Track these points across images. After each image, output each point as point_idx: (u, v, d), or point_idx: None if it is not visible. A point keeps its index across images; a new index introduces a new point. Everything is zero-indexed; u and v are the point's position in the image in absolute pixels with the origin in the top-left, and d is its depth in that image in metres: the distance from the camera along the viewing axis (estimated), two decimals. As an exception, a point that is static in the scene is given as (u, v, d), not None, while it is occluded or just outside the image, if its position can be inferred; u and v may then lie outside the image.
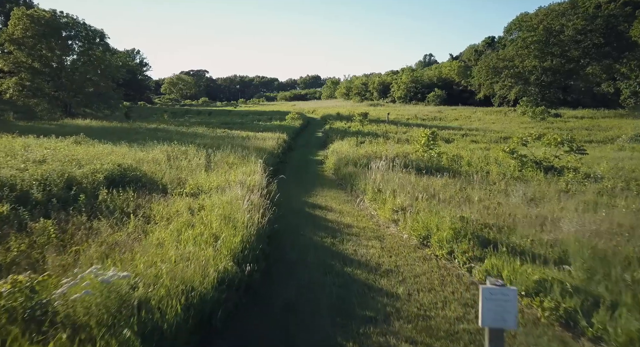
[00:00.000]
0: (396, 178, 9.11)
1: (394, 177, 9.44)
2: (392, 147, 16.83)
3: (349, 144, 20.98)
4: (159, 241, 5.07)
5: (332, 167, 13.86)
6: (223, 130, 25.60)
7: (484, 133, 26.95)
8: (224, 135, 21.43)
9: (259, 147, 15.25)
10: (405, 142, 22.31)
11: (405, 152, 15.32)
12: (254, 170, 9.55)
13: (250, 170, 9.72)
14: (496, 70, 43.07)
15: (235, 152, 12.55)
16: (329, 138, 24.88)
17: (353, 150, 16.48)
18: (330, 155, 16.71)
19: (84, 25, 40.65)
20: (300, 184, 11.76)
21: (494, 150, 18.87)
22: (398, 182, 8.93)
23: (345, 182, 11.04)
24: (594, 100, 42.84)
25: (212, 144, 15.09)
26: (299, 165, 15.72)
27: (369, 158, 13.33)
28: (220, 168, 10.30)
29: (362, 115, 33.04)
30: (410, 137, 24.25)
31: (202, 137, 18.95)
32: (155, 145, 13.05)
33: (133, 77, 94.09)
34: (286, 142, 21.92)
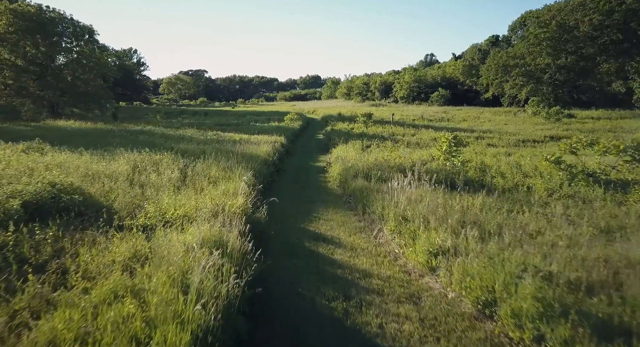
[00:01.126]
0: (426, 199, 6.91)
1: (420, 196, 7.24)
2: (406, 152, 14.64)
3: (354, 149, 18.83)
4: (49, 339, 2.88)
5: (337, 178, 11.69)
6: (215, 132, 23.39)
7: (499, 135, 24.75)
8: (214, 138, 19.22)
9: (251, 154, 13.05)
10: (417, 146, 20.15)
11: (422, 159, 13.13)
12: (239, 190, 7.36)
13: (234, 188, 7.53)
14: (506, 68, 40.87)
15: (221, 161, 10.36)
16: (331, 141, 22.69)
17: (360, 157, 14.30)
18: (334, 162, 14.51)
19: (72, 21, 38.47)
20: (298, 201, 9.57)
21: (516, 156, 16.76)
22: (428, 205, 6.73)
23: (355, 200, 8.84)
24: (604, 101, 40.73)
25: (196, 150, 12.91)
26: (298, 175, 13.53)
27: (382, 168, 11.14)
28: (198, 184, 8.11)
29: (366, 116, 30.84)
30: (420, 140, 22.08)
31: (188, 141, 16.76)
32: (127, 153, 10.85)
33: (130, 77, 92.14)
34: (284, 146, 19.72)
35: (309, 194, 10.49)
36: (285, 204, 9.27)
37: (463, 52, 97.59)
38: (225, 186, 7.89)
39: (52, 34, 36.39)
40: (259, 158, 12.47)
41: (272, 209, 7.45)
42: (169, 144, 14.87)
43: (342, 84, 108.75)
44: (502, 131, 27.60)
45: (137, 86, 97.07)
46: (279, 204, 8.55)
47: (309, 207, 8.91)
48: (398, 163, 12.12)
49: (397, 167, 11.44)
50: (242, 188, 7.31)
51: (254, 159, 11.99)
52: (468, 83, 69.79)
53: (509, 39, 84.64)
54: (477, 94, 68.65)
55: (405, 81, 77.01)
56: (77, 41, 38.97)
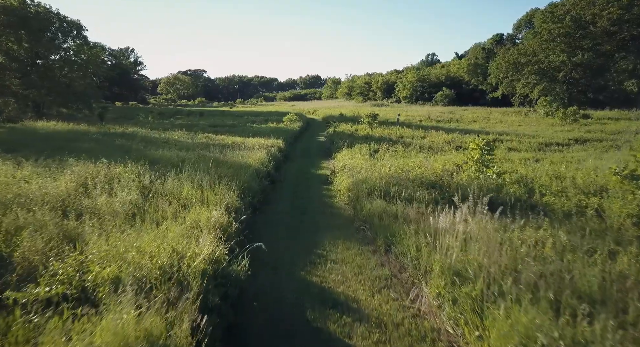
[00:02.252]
0: (475, 233, 4.72)
1: (472, 230, 5.03)
2: (426, 161, 12.41)
3: (361, 154, 16.65)
4: None
5: (346, 194, 9.51)
6: (206, 135, 21.21)
7: (516, 138, 22.56)
8: (203, 142, 17.04)
9: (242, 163, 10.85)
10: (430, 151, 17.97)
11: (446, 169, 10.92)
12: (211, 224, 5.18)
13: (206, 219, 5.36)
14: (517, 66, 38.67)
15: (202, 175, 8.19)
16: (334, 144, 20.50)
17: (370, 165, 12.11)
18: (340, 171, 12.31)
19: (59, 16, 36.25)
20: (297, 229, 7.38)
21: (547, 162, 14.59)
22: (484, 244, 4.54)
23: (373, 229, 6.65)
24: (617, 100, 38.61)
25: (174, 158, 10.72)
26: (297, 188, 11.32)
27: (401, 182, 8.94)
28: (160, 210, 5.93)
29: (370, 117, 28.64)
30: (433, 144, 19.92)
31: (172, 146, 14.57)
32: (82, 163, 8.65)
33: (127, 77, 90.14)
34: (282, 151, 17.54)
35: (311, 217, 8.27)
36: (281, 234, 7.08)
37: (466, 52, 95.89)
38: (196, 214, 5.71)
39: (36, 29, 34.21)
40: (251, 168, 10.29)
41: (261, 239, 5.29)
42: (147, 151, 12.71)
43: (343, 83, 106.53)
44: (518, 133, 25.39)
45: (134, 86, 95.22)
46: (272, 235, 6.39)
47: (311, 239, 6.71)
48: (419, 174, 9.93)
49: (420, 180, 9.26)
50: (215, 222, 5.13)
51: (245, 170, 9.81)
52: (473, 82, 67.66)
53: (514, 38, 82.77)
54: (482, 93, 66.51)
55: (408, 80, 74.86)
56: (64, 37, 36.78)
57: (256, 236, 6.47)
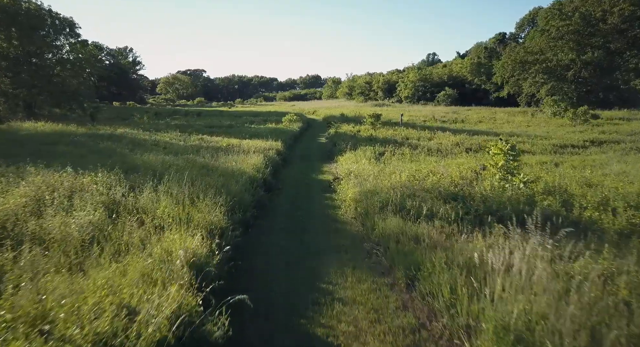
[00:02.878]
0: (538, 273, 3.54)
1: (520, 261, 3.83)
2: (440, 166, 11.18)
3: (366, 157, 15.49)
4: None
5: (352, 206, 8.31)
6: (201, 136, 20.02)
7: (528, 139, 21.35)
8: (195, 144, 15.83)
9: (234, 170, 9.65)
10: (439, 154, 16.78)
11: (463, 176, 9.71)
12: (187, 257, 3.98)
13: (180, 251, 4.16)
14: (524, 65, 37.44)
15: (184, 186, 6.98)
16: (336, 146, 19.32)
17: (378, 171, 10.90)
18: (344, 178, 11.11)
19: (50, 13, 35.03)
20: (295, 252, 6.18)
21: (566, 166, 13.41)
22: (546, 289, 3.36)
23: (389, 255, 5.43)
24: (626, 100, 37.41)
25: (158, 165, 9.51)
26: (297, 198, 10.10)
27: (415, 193, 7.73)
28: (126, 235, 4.74)
29: (373, 117, 27.43)
30: (441, 146, 18.71)
31: (160, 150, 13.38)
32: (46, 172, 7.45)
33: (125, 76, 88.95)
34: (280, 154, 16.34)
35: (313, 235, 7.05)
36: (276, 260, 5.87)
37: (467, 51, 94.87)
38: (170, 240, 4.51)
39: (27, 27, 33.00)
40: (244, 176, 9.09)
41: (253, 282, 4.13)
42: (132, 155, 11.53)
43: (344, 83, 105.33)
44: (529, 134, 24.15)
45: (133, 86, 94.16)
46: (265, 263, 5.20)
47: (313, 268, 5.50)
48: (435, 183, 8.71)
49: (437, 190, 8.03)
50: (192, 254, 3.94)
51: (237, 178, 8.62)
52: (476, 82, 66.41)
53: (517, 37, 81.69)
54: (486, 93, 65.28)
55: (410, 80, 73.64)
56: (57, 35, 35.56)
57: (245, 266, 5.28)
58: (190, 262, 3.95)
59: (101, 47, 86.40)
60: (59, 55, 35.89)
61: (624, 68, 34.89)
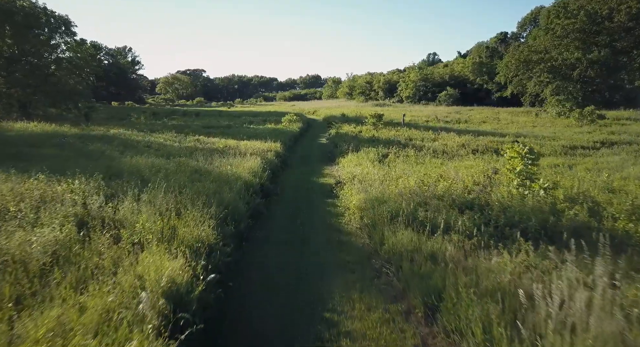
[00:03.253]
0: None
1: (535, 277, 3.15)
2: (450, 169, 10.46)
3: (368, 159, 14.81)
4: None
5: (357, 214, 7.60)
6: (197, 137, 19.31)
7: (537, 140, 20.62)
8: (190, 146, 15.11)
9: (229, 174, 8.92)
10: (445, 156, 16.06)
11: (476, 182, 8.98)
12: (163, 287, 3.28)
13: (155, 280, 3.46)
14: (528, 64, 36.72)
15: (173, 193, 6.28)
16: (338, 148, 18.62)
17: (383, 174, 10.19)
18: (347, 182, 10.39)
19: (45, 11, 34.31)
20: (294, 270, 5.45)
21: (579, 169, 12.71)
22: None
23: (403, 278, 4.69)
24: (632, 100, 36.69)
25: (148, 168, 8.80)
26: (296, 204, 9.39)
27: (429, 203, 7.00)
28: (94, 257, 4.03)
29: (375, 117, 26.72)
30: (446, 147, 17.99)
31: (152, 152, 12.66)
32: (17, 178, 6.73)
33: (124, 76, 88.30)
34: (279, 156, 15.63)
35: (315, 249, 6.32)
36: (272, 282, 5.15)
37: (468, 51, 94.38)
38: (147, 264, 3.80)
39: (22, 25, 32.29)
40: (240, 181, 8.38)
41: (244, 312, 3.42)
42: (122, 158, 10.82)
43: (344, 83, 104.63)
44: (536, 135, 23.40)
45: (132, 85, 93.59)
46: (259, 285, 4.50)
47: (315, 291, 4.77)
48: (447, 189, 7.98)
49: (450, 197, 7.31)
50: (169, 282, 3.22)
51: (231, 184, 7.91)
52: (478, 81, 65.72)
53: (518, 36, 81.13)
54: (488, 93, 64.61)
55: (411, 80, 72.96)
56: (52, 33, 34.84)
57: (237, 289, 4.56)
58: (168, 292, 3.24)
59: (100, 46, 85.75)
60: (55, 54, 35.16)
61: (630, 67, 34.20)
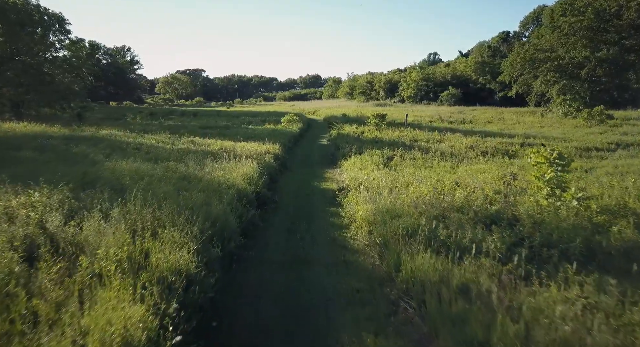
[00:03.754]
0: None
1: None
2: (467, 175, 9.51)
3: (373, 161, 13.92)
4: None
5: (364, 227, 6.68)
6: (192, 138, 18.38)
7: (548, 142, 19.66)
8: (184, 148, 14.18)
9: (221, 182, 7.99)
10: (453, 158, 15.13)
11: (495, 190, 8.05)
12: None
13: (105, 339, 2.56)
14: (533, 63, 35.77)
15: (149, 208, 5.36)
16: (340, 150, 17.70)
17: (391, 180, 9.27)
18: (352, 188, 9.44)
19: (38, 8, 33.36)
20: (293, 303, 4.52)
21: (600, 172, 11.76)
22: None
23: (430, 318, 3.78)
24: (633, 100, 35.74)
25: (129, 174, 7.87)
26: (295, 214, 8.46)
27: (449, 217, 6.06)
28: (34, 299, 3.12)
29: (378, 118, 25.78)
30: (454, 149, 17.06)
31: (141, 155, 11.73)
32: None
33: (122, 76, 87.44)
34: (278, 159, 14.71)
35: (317, 274, 5.37)
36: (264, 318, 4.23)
37: (469, 50, 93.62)
38: (100, 313, 2.88)
39: (13, 22, 31.33)
40: (233, 189, 7.46)
41: None
42: (106, 162, 9.89)
43: (345, 83, 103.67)
44: (545, 136, 22.47)
45: (130, 85, 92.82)
46: (248, 326, 3.59)
47: (316, 332, 3.86)
48: (466, 200, 7.05)
49: (472, 209, 6.37)
50: None
51: (223, 193, 6.99)
52: (481, 81, 64.75)
53: (520, 35, 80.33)
54: (490, 92, 63.68)
55: (412, 79, 72.01)
56: (45, 31, 33.89)
57: (218, 332, 3.64)
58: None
59: (98, 46, 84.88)
60: (49, 52, 34.22)
61: (639, 66, 33.26)
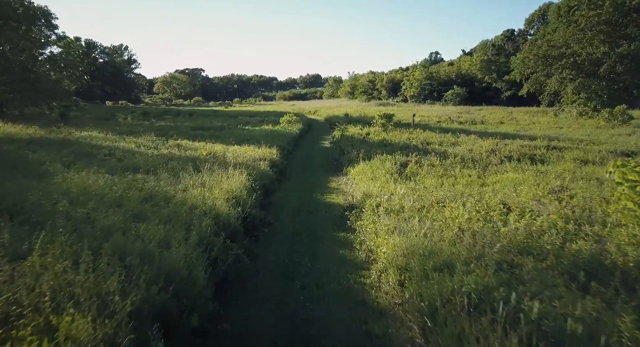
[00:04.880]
0: None
1: None
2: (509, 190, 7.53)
3: (385, 169, 11.97)
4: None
5: (394, 276, 4.70)
6: (180, 141, 16.40)
7: (574, 144, 17.70)
8: (165, 154, 12.20)
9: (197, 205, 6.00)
10: (474, 164, 13.17)
11: (568, 216, 6.09)
12: None
13: None
14: (547, 59, 33.80)
15: (69, 258, 3.43)
16: (345, 154, 15.70)
17: (416, 197, 7.31)
18: (368, 210, 7.47)
19: (22, 1, 31.32)
20: None
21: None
22: None
23: None
24: None
25: (81, 191, 5.92)
26: (294, 242, 6.49)
27: (523, 267, 4.09)
28: None
29: (384, 118, 23.77)
30: (473, 153, 15.11)
31: (107, 165, 9.75)
32: None
33: (120, 75, 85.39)
34: (275, 166, 12.75)
35: None
36: None
37: (472, 49, 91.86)
38: None
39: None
40: (211, 214, 5.52)
41: None
42: (63, 173, 7.94)
43: (345, 82, 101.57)
44: (569, 138, 20.37)
45: (128, 84, 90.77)
46: None
47: None
48: (527, 228, 5.09)
49: (549, 251, 4.41)
50: None
51: (196, 223, 5.05)
52: (487, 80, 62.73)
53: (525, 33, 78.50)
54: (497, 92, 61.67)
55: (416, 78, 69.99)
56: (29, 25, 31.88)
57: None
58: None
59: (94, 44, 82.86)
60: (35, 49, 32.21)
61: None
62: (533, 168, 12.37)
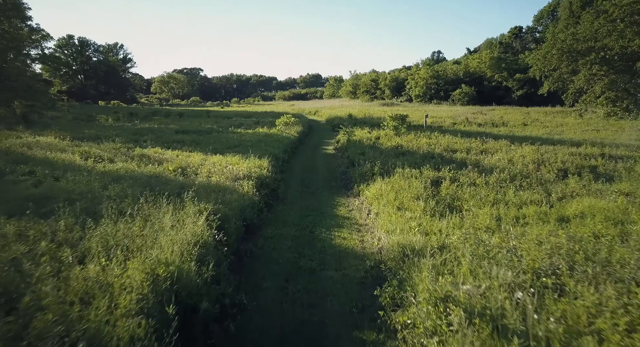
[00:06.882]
0: None
1: None
2: None
3: (412, 193, 8.71)
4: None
5: None
6: (147, 150, 13.16)
7: (633, 152, 14.44)
8: (116, 170, 9.00)
9: (114, 286, 2.85)
10: (523, 181, 9.90)
11: None
12: None
13: None
14: (571, 54, 30.52)
15: None
16: (355, 167, 12.47)
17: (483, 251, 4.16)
18: (422, 304, 4.32)
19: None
20: None
21: None
22: None
23: None
24: None
25: None
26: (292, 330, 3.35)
27: None
28: None
29: (397, 120, 20.49)
30: (515, 165, 11.85)
31: (11, 190, 6.57)
32: None
33: (114, 74, 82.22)
34: (264, 185, 9.53)
35: None
36: None
37: (476, 48, 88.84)
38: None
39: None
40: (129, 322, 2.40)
41: None
42: None
43: (347, 81, 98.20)
44: (624, 144, 16.69)
45: (123, 84, 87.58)
46: None
47: None
48: None
49: None
50: None
51: None
52: (497, 78, 59.32)
53: (534, 30, 75.31)
54: (507, 91, 58.23)
55: (421, 77, 66.51)
56: (0, 17, 28.62)
57: None
58: None
59: (88, 43, 79.65)
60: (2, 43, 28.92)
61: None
62: (609, 187, 9.13)
